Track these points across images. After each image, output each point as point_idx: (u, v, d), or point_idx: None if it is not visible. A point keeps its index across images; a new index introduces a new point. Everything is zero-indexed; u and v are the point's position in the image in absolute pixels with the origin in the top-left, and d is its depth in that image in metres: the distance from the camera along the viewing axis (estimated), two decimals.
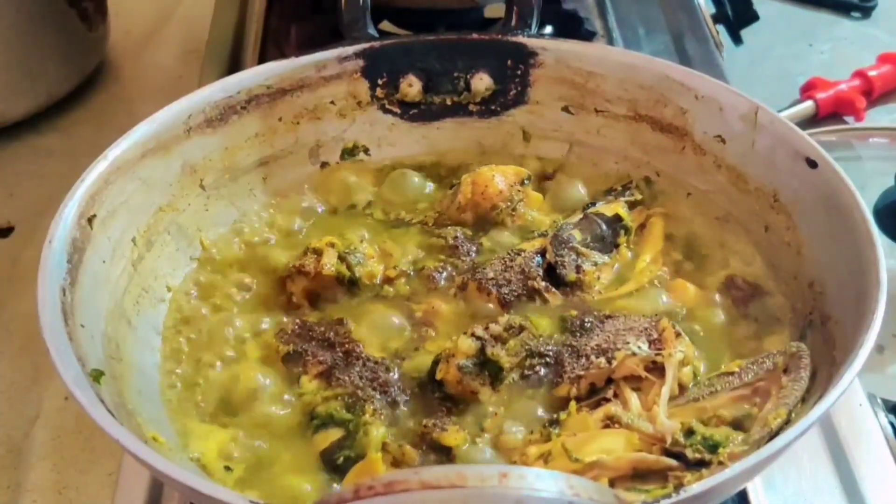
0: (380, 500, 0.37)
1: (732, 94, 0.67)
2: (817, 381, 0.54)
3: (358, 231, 0.72)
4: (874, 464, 0.63)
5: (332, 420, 0.58)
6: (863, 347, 0.50)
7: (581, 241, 0.67)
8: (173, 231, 0.68)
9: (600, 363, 0.57)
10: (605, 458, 0.52)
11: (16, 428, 0.72)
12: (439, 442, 0.56)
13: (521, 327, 0.60)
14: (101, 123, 1.02)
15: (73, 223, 0.59)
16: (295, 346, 0.62)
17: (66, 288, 0.56)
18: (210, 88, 0.70)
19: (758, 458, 0.46)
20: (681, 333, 0.59)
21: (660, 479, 0.52)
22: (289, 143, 0.74)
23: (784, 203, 0.65)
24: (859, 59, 1.08)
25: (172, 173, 0.68)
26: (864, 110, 1.03)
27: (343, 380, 0.60)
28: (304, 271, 0.65)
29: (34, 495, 0.67)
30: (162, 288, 0.66)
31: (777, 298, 0.64)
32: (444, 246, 0.69)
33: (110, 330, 0.59)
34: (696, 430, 0.53)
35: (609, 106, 0.73)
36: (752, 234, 0.68)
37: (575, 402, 0.56)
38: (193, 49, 1.09)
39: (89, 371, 0.53)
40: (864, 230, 0.57)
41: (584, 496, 0.39)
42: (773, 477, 0.62)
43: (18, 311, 0.81)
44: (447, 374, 0.58)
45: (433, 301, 0.65)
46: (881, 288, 0.53)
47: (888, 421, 0.66)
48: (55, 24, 0.98)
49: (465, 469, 0.38)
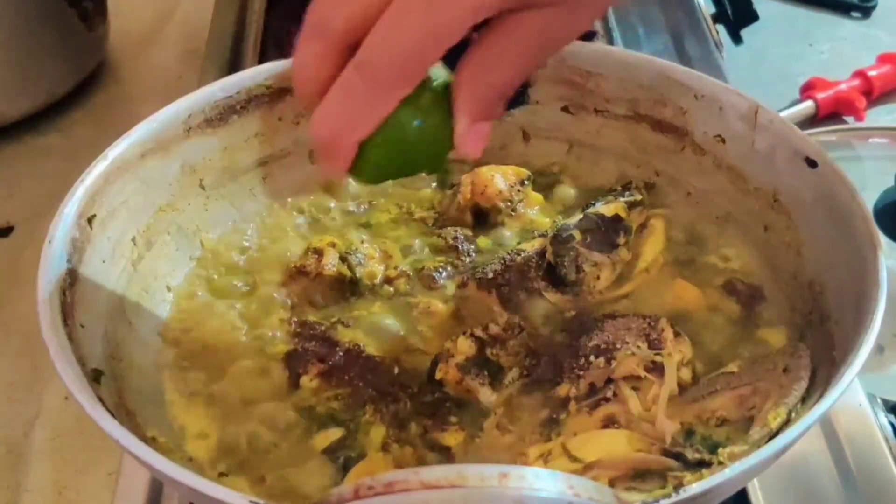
0: (380, 500, 0.38)
1: (732, 93, 0.67)
2: (817, 381, 0.54)
3: (358, 231, 0.72)
4: (874, 464, 0.63)
5: (332, 420, 0.58)
6: (863, 347, 0.50)
7: (581, 241, 0.67)
8: (173, 231, 0.68)
9: (600, 363, 0.57)
10: (605, 458, 0.52)
11: (16, 428, 0.72)
12: (439, 442, 0.56)
13: (521, 327, 0.60)
14: (101, 123, 1.02)
15: (73, 223, 0.59)
16: (295, 346, 0.62)
17: (65, 288, 0.56)
18: (210, 88, 0.70)
19: (758, 458, 0.46)
20: (680, 333, 0.59)
21: (660, 479, 0.52)
22: (289, 143, 0.74)
23: (784, 203, 0.65)
24: (859, 59, 1.09)
25: (172, 173, 0.68)
26: (864, 110, 1.03)
27: (343, 380, 0.60)
28: (305, 271, 0.66)
29: (34, 495, 0.67)
30: (162, 288, 0.66)
31: (777, 298, 0.64)
32: (444, 246, 0.69)
33: (110, 330, 0.59)
34: (696, 430, 0.53)
35: (609, 106, 0.73)
36: (752, 234, 0.68)
37: (575, 402, 0.56)
38: (193, 49, 1.09)
39: (89, 371, 0.53)
40: (864, 230, 0.57)
41: (584, 496, 0.39)
42: (773, 477, 0.62)
43: (18, 311, 0.81)
44: (447, 374, 0.58)
45: (433, 301, 0.65)
46: (881, 288, 0.53)
47: (888, 421, 0.66)
48: (55, 24, 0.98)
49: (465, 469, 0.38)
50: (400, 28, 0.44)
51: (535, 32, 0.46)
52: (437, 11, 0.43)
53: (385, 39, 0.44)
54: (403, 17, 0.43)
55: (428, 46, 0.44)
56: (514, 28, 0.45)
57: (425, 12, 0.43)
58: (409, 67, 0.45)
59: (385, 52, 0.44)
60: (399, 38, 0.44)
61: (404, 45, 0.44)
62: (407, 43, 0.44)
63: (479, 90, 0.47)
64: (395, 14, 0.44)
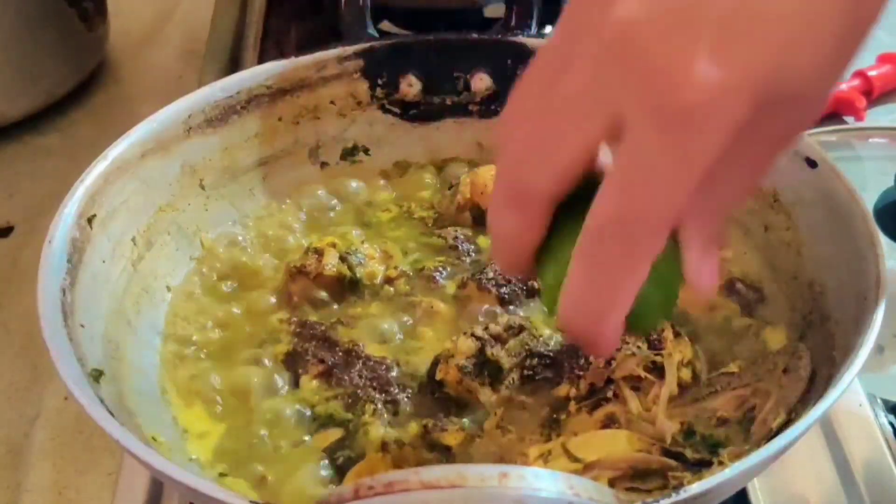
0: (380, 500, 0.38)
1: None
2: (817, 381, 0.54)
3: (358, 231, 0.72)
4: (874, 464, 0.63)
5: (332, 420, 0.58)
6: (863, 347, 0.50)
7: None
8: (173, 231, 0.68)
9: (600, 363, 0.57)
10: (605, 458, 0.52)
11: (16, 428, 0.72)
12: (439, 442, 0.56)
13: (521, 327, 0.60)
14: (100, 123, 1.01)
15: (73, 223, 0.59)
16: (295, 346, 0.62)
17: (65, 288, 0.56)
18: (210, 88, 0.70)
19: (758, 458, 0.46)
20: (680, 333, 0.59)
21: (660, 479, 0.52)
22: (289, 143, 0.74)
23: (784, 203, 0.65)
24: (859, 59, 1.08)
25: (172, 173, 0.68)
26: (864, 110, 1.02)
27: (343, 380, 0.60)
28: (306, 271, 0.66)
29: (34, 495, 0.67)
30: (162, 288, 0.66)
31: (777, 298, 0.64)
32: (444, 246, 0.69)
33: (110, 330, 0.59)
34: (696, 430, 0.53)
35: None
36: (751, 234, 0.68)
37: (575, 402, 0.56)
38: (193, 49, 1.09)
39: (89, 371, 0.53)
40: (864, 230, 0.57)
41: (584, 496, 0.39)
42: (773, 477, 0.62)
43: (18, 311, 0.81)
44: (447, 374, 0.58)
45: (433, 301, 0.65)
46: (881, 288, 0.53)
47: (888, 421, 0.66)
48: (55, 24, 0.98)
49: (465, 469, 0.38)
50: (650, 175, 0.37)
51: (773, 138, 0.39)
52: (686, 145, 0.36)
53: (634, 195, 0.37)
54: (647, 160, 0.36)
55: (679, 187, 0.37)
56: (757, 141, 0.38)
57: (671, 152, 0.36)
58: (665, 217, 0.38)
59: (639, 205, 0.37)
60: (653, 189, 0.37)
61: (658, 194, 0.37)
62: (661, 190, 0.37)
63: (705, 218, 0.40)
64: (637, 162, 0.37)
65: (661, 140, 0.36)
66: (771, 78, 0.36)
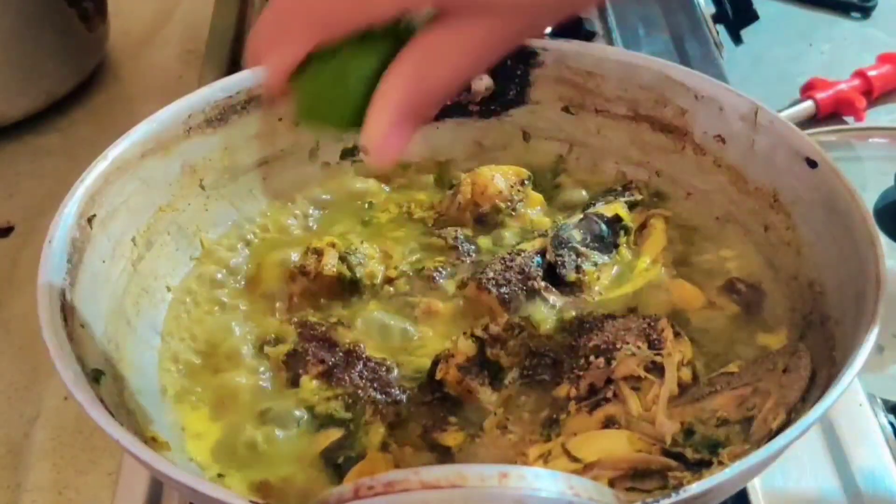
0: (380, 500, 0.38)
1: (732, 94, 0.67)
2: (817, 381, 0.54)
3: (358, 231, 0.72)
4: (874, 464, 0.64)
5: (332, 420, 0.58)
6: (863, 347, 0.50)
7: (581, 241, 0.67)
8: (173, 231, 0.68)
9: (600, 363, 0.57)
10: (605, 458, 0.52)
11: (16, 428, 0.72)
12: (439, 442, 0.56)
13: (521, 327, 0.60)
14: (100, 123, 1.01)
15: (73, 223, 0.59)
16: (295, 346, 0.62)
17: (65, 288, 0.56)
18: (210, 88, 0.70)
19: (758, 458, 0.46)
20: (680, 333, 0.59)
21: (660, 479, 0.52)
22: (289, 143, 0.74)
23: (784, 203, 0.65)
24: (859, 59, 1.08)
25: (172, 173, 0.68)
26: (864, 110, 1.03)
27: (343, 380, 0.60)
28: (305, 271, 0.66)
29: (34, 495, 0.67)
30: (162, 288, 0.66)
31: (777, 298, 0.64)
32: (444, 246, 0.69)
33: (110, 330, 0.59)
34: (696, 430, 0.53)
35: (609, 106, 0.73)
36: (751, 234, 0.68)
37: (575, 402, 0.56)
38: (193, 49, 1.09)
39: (89, 371, 0.53)
40: (864, 230, 0.57)
41: (584, 496, 0.39)
42: (773, 477, 0.62)
43: (18, 311, 0.81)
44: (447, 374, 0.58)
45: (433, 301, 0.65)
46: (881, 288, 0.53)
47: (888, 421, 0.66)
48: (55, 24, 0.98)
49: (465, 469, 0.38)
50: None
51: (479, 38, 0.45)
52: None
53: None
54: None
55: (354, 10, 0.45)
56: (456, 31, 0.45)
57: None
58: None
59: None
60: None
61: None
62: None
63: (412, 85, 0.45)
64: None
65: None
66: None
